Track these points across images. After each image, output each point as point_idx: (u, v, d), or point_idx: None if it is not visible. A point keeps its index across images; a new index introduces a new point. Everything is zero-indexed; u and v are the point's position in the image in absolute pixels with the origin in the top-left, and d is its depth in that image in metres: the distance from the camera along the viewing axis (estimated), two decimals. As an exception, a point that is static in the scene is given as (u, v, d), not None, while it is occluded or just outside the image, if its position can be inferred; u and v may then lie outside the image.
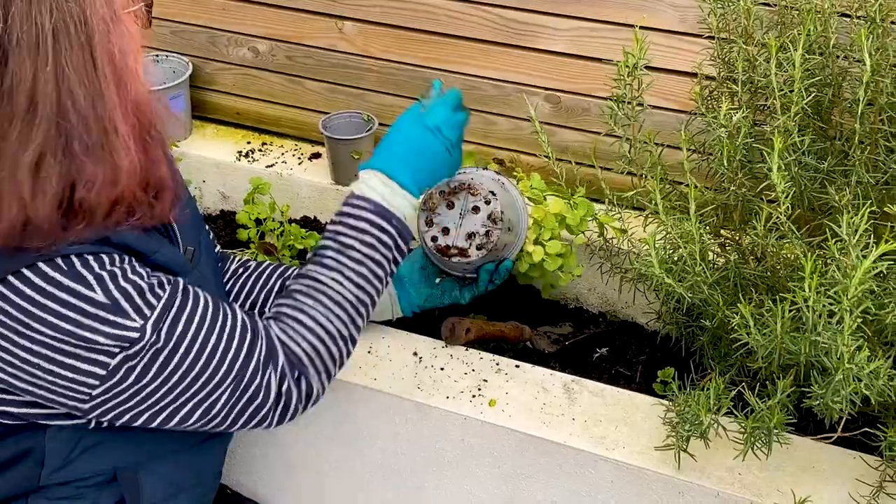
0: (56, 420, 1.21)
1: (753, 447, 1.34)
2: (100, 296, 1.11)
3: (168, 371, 1.17)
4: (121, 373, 1.14)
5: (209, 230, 1.51)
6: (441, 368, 1.62)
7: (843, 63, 1.44)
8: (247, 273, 1.56)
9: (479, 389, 1.58)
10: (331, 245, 1.34)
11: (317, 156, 2.23)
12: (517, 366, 1.63)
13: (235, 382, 1.21)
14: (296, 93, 2.24)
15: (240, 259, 1.59)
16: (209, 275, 1.38)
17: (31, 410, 1.20)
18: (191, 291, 1.21)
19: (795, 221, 1.41)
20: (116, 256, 1.14)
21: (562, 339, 1.88)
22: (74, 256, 1.11)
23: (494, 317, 1.84)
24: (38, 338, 1.10)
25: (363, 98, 2.18)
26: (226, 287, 1.54)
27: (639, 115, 1.50)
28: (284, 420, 1.28)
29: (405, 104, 2.08)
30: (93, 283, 1.11)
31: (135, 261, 1.17)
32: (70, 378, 1.13)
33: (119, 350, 1.13)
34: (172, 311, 1.17)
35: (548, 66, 1.96)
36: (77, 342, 1.11)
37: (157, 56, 2.23)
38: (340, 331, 1.31)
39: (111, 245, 1.15)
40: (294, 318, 1.30)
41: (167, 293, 1.17)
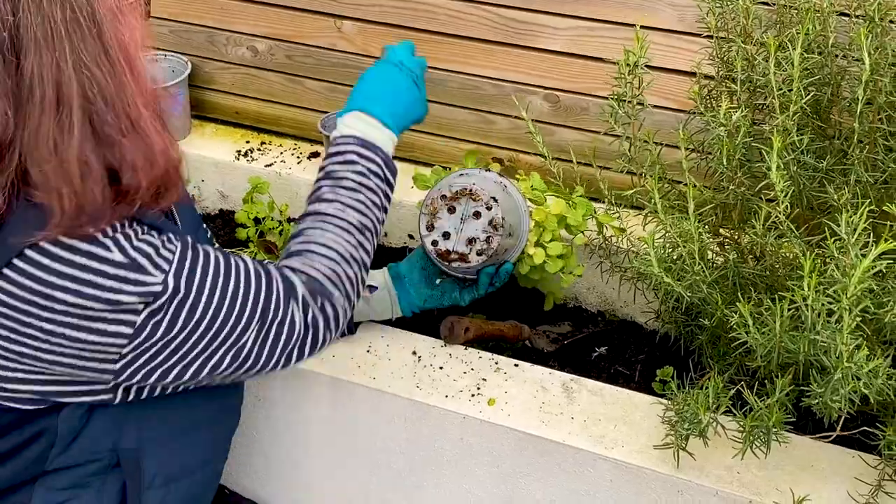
0: (76, 398, 1.23)
1: (752, 446, 1.34)
2: (118, 256, 1.13)
3: (194, 320, 1.19)
4: (148, 328, 1.17)
5: (207, 229, 1.51)
6: (440, 367, 1.62)
7: (842, 62, 1.44)
8: None
9: (478, 388, 1.58)
10: (324, 182, 1.40)
11: (316, 155, 2.23)
12: (516, 365, 1.63)
13: (260, 322, 1.24)
14: (295, 92, 2.24)
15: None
16: None
17: (54, 388, 1.21)
18: (199, 246, 1.24)
19: (794, 220, 1.41)
20: (126, 222, 1.17)
21: (561, 339, 1.88)
22: None
23: (493, 316, 1.84)
24: (62, 308, 1.12)
25: (362, 97, 2.17)
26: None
27: (639, 114, 1.50)
28: (315, 350, 1.30)
29: (404, 103, 2.09)
30: (110, 245, 1.13)
31: (143, 223, 1.20)
32: (98, 342, 1.15)
33: (144, 306, 1.15)
34: (188, 262, 1.20)
35: (547, 66, 1.96)
36: (102, 305, 1.13)
37: (157, 55, 2.23)
38: (352, 253, 1.35)
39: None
40: (306, 249, 1.34)
41: (178, 247, 1.20)
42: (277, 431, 1.72)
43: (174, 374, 1.21)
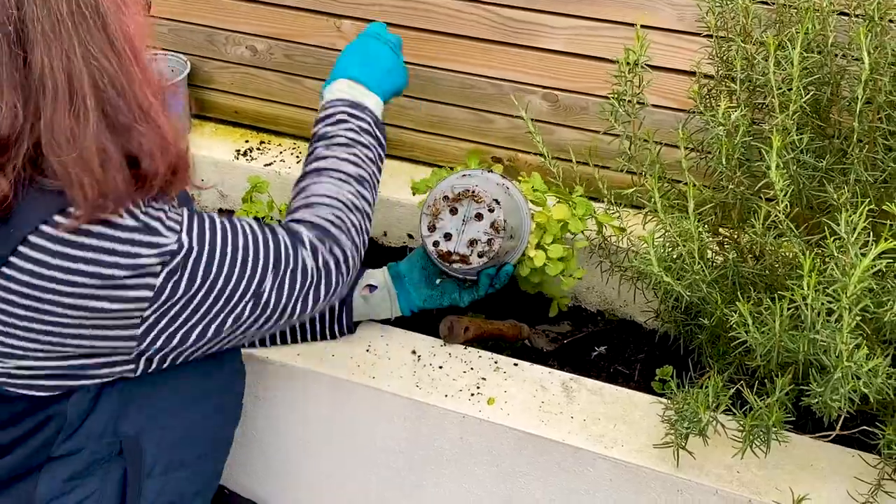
0: (98, 370, 1.25)
1: (752, 445, 1.34)
2: (130, 221, 1.16)
3: (212, 275, 1.23)
4: (168, 289, 1.20)
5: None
6: (440, 367, 1.62)
7: (842, 61, 1.44)
8: None
9: (478, 388, 1.58)
10: (318, 144, 1.48)
11: (315, 154, 2.23)
12: (515, 364, 1.63)
13: (274, 271, 1.28)
14: (294, 91, 2.24)
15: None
16: None
17: (76, 362, 1.23)
18: (202, 211, 1.28)
19: (794, 220, 1.41)
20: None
21: (560, 338, 1.89)
22: None
23: (493, 315, 1.84)
24: (83, 279, 1.14)
25: (361, 97, 2.17)
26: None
27: (638, 113, 1.50)
28: (330, 293, 1.35)
29: (404, 103, 2.08)
30: (122, 213, 1.16)
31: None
32: (120, 310, 1.17)
33: (161, 267, 1.18)
34: (195, 223, 1.24)
35: (546, 65, 1.96)
36: (122, 272, 1.15)
37: (156, 54, 2.23)
38: (353, 201, 1.41)
39: None
40: (306, 203, 1.39)
41: (185, 212, 1.24)
42: (277, 431, 1.72)
43: (196, 334, 1.25)
